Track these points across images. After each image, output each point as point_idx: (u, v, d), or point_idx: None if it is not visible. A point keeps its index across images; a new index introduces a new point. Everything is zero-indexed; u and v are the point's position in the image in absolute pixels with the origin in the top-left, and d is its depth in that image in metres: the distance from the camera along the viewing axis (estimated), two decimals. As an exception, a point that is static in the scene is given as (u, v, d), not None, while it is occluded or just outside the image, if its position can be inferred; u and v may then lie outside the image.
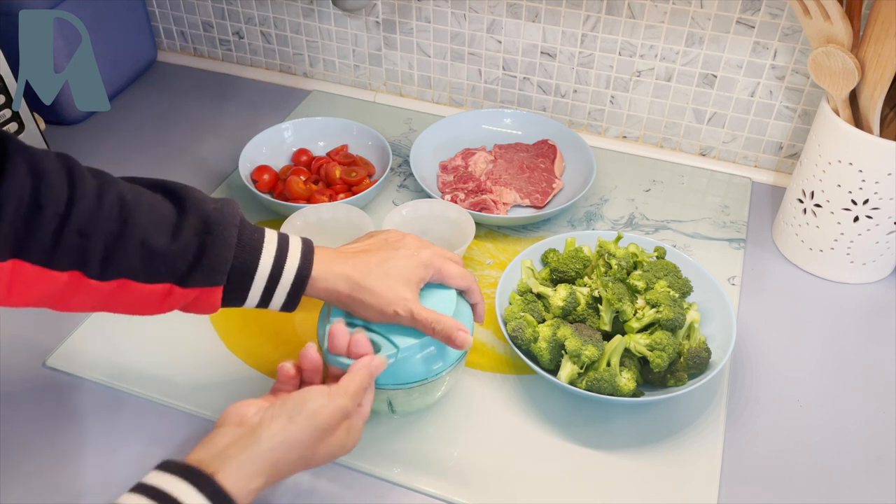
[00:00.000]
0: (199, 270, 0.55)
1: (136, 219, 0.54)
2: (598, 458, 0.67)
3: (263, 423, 0.53)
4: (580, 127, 1.08)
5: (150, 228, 0.54)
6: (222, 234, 0.56)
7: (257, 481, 0.51)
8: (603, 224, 0.93)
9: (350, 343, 0.59)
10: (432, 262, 0.63)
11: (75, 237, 0.52)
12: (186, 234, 0.55)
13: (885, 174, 0.76)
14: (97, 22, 1.07)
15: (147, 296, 0.55)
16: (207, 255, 0.56)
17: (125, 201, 0.54)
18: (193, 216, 0.56)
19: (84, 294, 0.54)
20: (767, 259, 0.89)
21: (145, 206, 0.55)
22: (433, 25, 1.05)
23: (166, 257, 0.55)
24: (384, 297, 0.60)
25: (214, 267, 0.56)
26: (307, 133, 1.02)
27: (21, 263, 0.51)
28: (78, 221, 0.52)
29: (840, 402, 0.73)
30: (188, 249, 0.55)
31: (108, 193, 0.54)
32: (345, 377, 0.57)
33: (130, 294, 0.55)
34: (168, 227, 0.55)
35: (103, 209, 0.53)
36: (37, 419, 0.70)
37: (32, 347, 0.77)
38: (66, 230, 0.51)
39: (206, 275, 0.56)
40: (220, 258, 0.56)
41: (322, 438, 0.54)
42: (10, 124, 0.90)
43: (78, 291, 0.54)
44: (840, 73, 0.75)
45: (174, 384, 0.73)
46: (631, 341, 0.69)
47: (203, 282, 0.56)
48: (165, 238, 0.55)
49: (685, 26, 0.93)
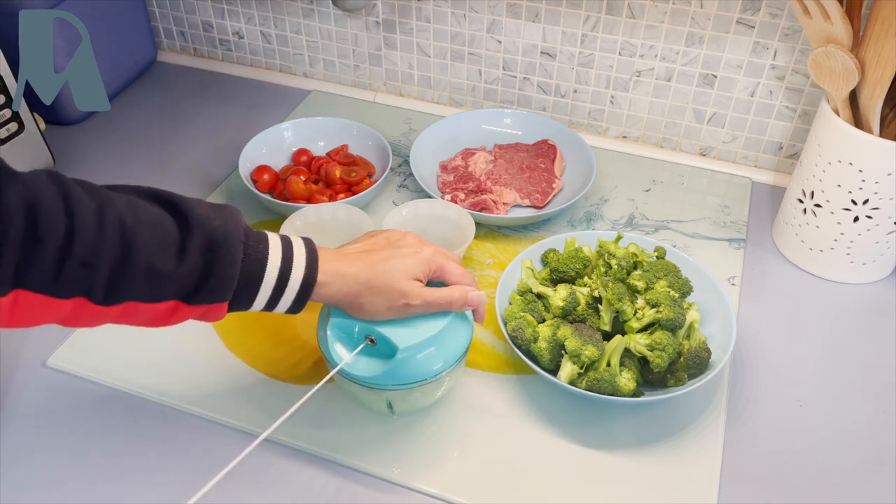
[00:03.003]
0: (205, 289, 0.55)
1: (140, 241, 0.52)
2: (598, 458, 0.67)
3: None
4: (580, 127, 1.08)
5: (154, 250, 0.53)
6: (229, 251, 0.55)
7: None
8: (603, 224, 0.93)
9: None
10: (434, 259, 0.64)
11: (78, 268, 0.50)
12: (192, 255, 0.54)
13: (885, 174, 0.76)
14: (97, 22, 1.07)
15: (154, 313, 0.55)
16: (214, 274, 0.55)
17: (126, 224, 0.52)
18: (198, 235, 0.55)
19: (90, 316, 0.53)
20: (767, 259, 0.89)
21: (147, 224, 0.53)
22: (433, 25, 1.05)
23: (172, 279, 0.54)
24: (392, 292, 0.61)
25: (221, 286, 0.55)
26: (307, 133, 1.02)
27: (24, 293, 0.49)
28: (80, 253, 0.50)
29: (840, 402, 0.73)
30: (194, 270, 0.54)
31: (108, 216, 0.52)
32: None
33: (137, 313, 0.54)
34: (173, 247, 0.54)
35: (105, 236, 0.51)
36: (37, 419, 0.70)
37: (32, 347, 0.77)
38: (68, 262, 0.50)
39: (213, 293, 0.55)
40: (226, 276, 0.55)
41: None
42: (10, 124, 0.90)
43: (84, 315, 0.53)
44: (840, 73, 0.75)
45: (174, 384, 0.73)
46: (631, 341, 0.69)
47: (210, 299, 0.55)
48: (171, 260, 0.53)
49: (685, 26, 0.93)
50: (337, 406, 0.71)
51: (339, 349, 0.63)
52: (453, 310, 0.64)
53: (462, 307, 0.64)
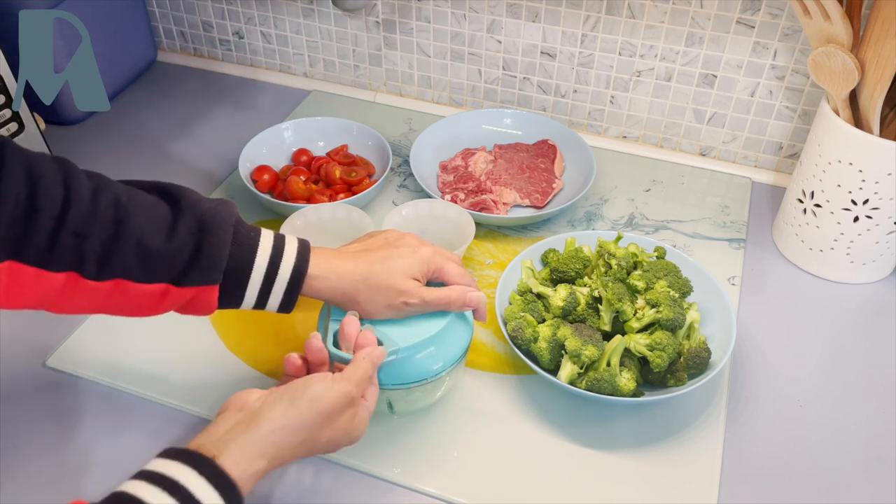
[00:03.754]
0: (195, 269, 0.56)
1: (132, 219, 0.54)
2: (598, 458, 0.67)
3: (265, 407, 0.53)
4: (580, 127, 1.08)
5: (145, 228, 0.55)
6: (217, 232, 0.56)
7: (259, 464, 0.50)
8: (603, 224, 0.93)
9: (357, 337, 0.60)
10: (433, 259, 0.64)
11: (71, 238, 0.52)
12: (182, 234, 0.56)
13: (885, 174, 0.76)
14: (97, 22, 1.07)
15: (144, 296, 0.56)
16: (203, 253, 0.56)
17: (120, 202, 0.54)
18: (189, 215, 0.56)
19: (81, 295, 0.54)
20: (767, 259, 0.89)
21: (140, 206, 0.56)
22: (433, 25, 1.05)
23: (162, 257, 0.55)
24: (390, 289, 0.61)
25: (210, 265, 0.56)
26: (307, 133, 1.02)
27: (17, 265, 0.51)
28: (74, 223, 0.52)
29: (840, 402, 0.73)
30: (184, 248, 0.55)
31: (104, 195, 0.54)
32: (348, 366, 0.57)
33: (127, 294, 0.55)
34: (163, 226, 0.56)
35: (99, 210, 0.53)
36: (37, 419, 0.70)
37: (32, 347, 0.77)
38: (62, 232, 0.52)
39: (203, 273, 0.56)
40: (215, 256, 0.56)
41: (325, 424, 0.54)
42: (10, 124, 0.90)
43: (75, 293, 0.54)
44: (840, 73, 0.75)
45: (174, 384, 0.73)
46: (631, 341, 0.69)
47: (199, 280, 0.56)
48: (161, 238, 0.55)
49: (685, 26, 0.93)
50: (337, 406, 0.71)
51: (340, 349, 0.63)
52: (452, 310, 0.64)
53: (461, 307, 0.64)
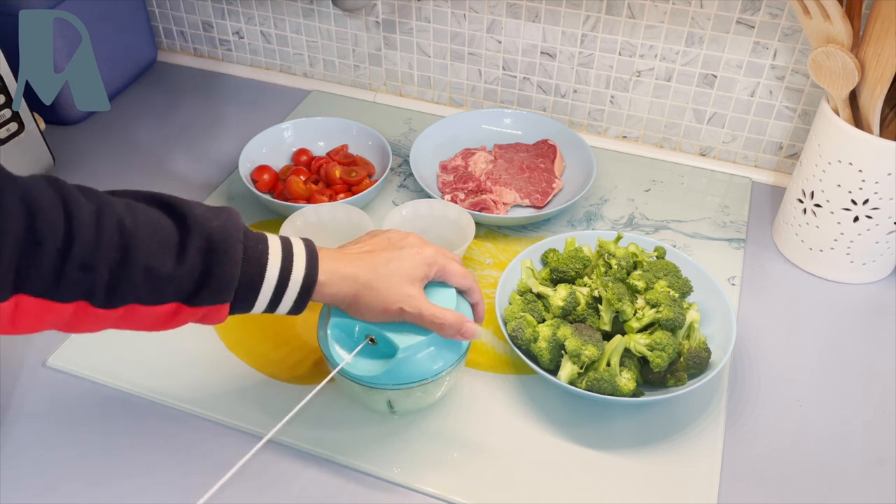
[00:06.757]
0: (206, 290, 0.55)
1: (138, 243, 0.52)
2: (598, 458, 0.67)
3: None
4: (580, 127, 1.08)
5: (153, 252, 0.53)
6: (228, 252, 0.55)
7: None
8: (603, 224, 0.93)
9: None
10: (436, 260, 0.64)
11: (78, 271, 0.50)
12: (191, 256, 0.54)
13: (885, 174, 0.76)
14: (97, 22, 1.07)
15: (155, 316, 0.55)
16: (214, 275, 0.55)
17: (124, 226, 0.52)
18: (197, 236, 0.55)
19: (92, 320, 0.53)
20: (767, 259, 0.89)
21: (145, 227, 0.54)
22: (433, 25, 1.05)
23: (172, 280, 0.54)
24: (390, 295, 0.61)
25: (222, 286, 0.55)
26: (307, 133, 1.02)
27: (25, 297, 0.49)
28: (80, 255, 0.50)
29: (840, 403, 0.73)
30: (194, 270, 0.54)
31: (106, 219, 0.52)
32: None
33: (138, 316, 0.54)
34: (172, 248, 0.54)
35: (104, 238, 0.51)
36: (37, 419, 0.70)
37: (32, 347, 0.77)
38: (67, 265, 0.50)
39: (214, 294, 0.55)
40: (226, 276, 0.55)
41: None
42: (10, 124, 0.90)
43: (85, 319, 0.53)
44: (840, 73, 0.75)
45: (174, 384, 0.73)
46: (631, 341, 0.69)
47: (211, 301, 0.55)
48: (170, 261, 0.53)
49: (685, 26, 0.93)
50: (337, 406, 0.71)
51: (340, 349, 0.63)
52: (443, 334, 0.62)
53: (452, 336, 0.62)
